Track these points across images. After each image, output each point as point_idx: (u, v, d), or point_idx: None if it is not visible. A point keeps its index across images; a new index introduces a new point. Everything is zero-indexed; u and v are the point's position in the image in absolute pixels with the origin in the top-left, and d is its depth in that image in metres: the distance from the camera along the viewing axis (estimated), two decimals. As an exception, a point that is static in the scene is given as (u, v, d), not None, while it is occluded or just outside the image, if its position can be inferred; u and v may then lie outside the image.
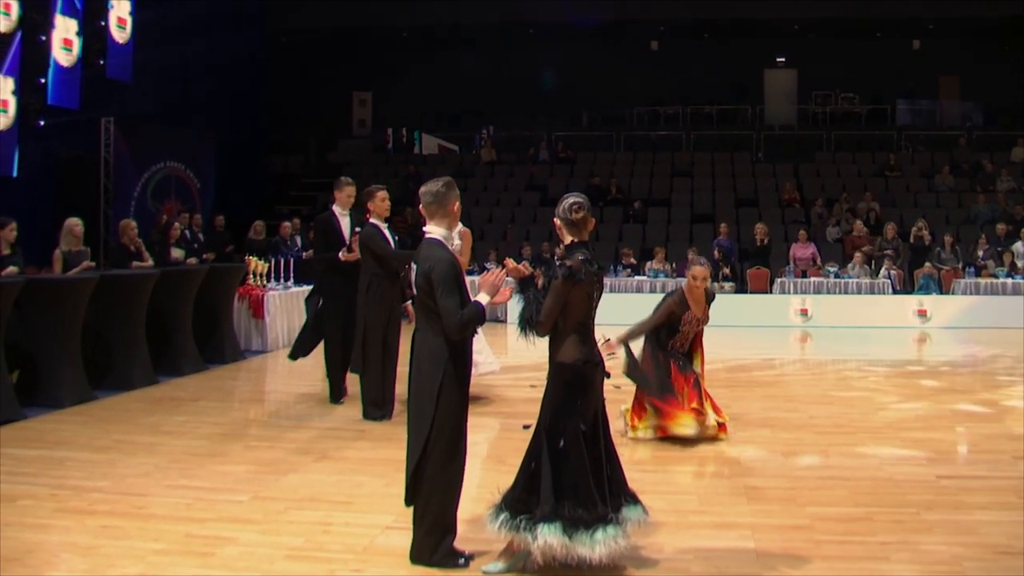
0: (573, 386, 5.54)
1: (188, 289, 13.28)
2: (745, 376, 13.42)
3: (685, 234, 24.22)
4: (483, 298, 5.62)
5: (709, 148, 28.65)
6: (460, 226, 10.20)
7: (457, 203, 5.90)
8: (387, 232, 10.19)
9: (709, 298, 9.13)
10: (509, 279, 5.82)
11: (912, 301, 19.87)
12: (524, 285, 5.67)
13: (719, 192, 26.31)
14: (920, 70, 29.69)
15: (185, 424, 9.78)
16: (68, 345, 10.84)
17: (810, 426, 9.86)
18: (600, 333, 5.77)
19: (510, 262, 5.75)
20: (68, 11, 19.09)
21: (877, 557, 5.93)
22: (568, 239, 5.69)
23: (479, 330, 9.30)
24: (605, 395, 5.75)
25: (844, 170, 27.05)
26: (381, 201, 10.17)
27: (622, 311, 11.14)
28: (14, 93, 17.72)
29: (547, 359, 5.65)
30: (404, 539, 5.85)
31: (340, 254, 10.73)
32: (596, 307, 5.66)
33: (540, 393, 5.69)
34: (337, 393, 11.09)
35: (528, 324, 5.56)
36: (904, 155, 27.73)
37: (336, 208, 11.20)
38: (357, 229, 10.94)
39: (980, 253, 21.30)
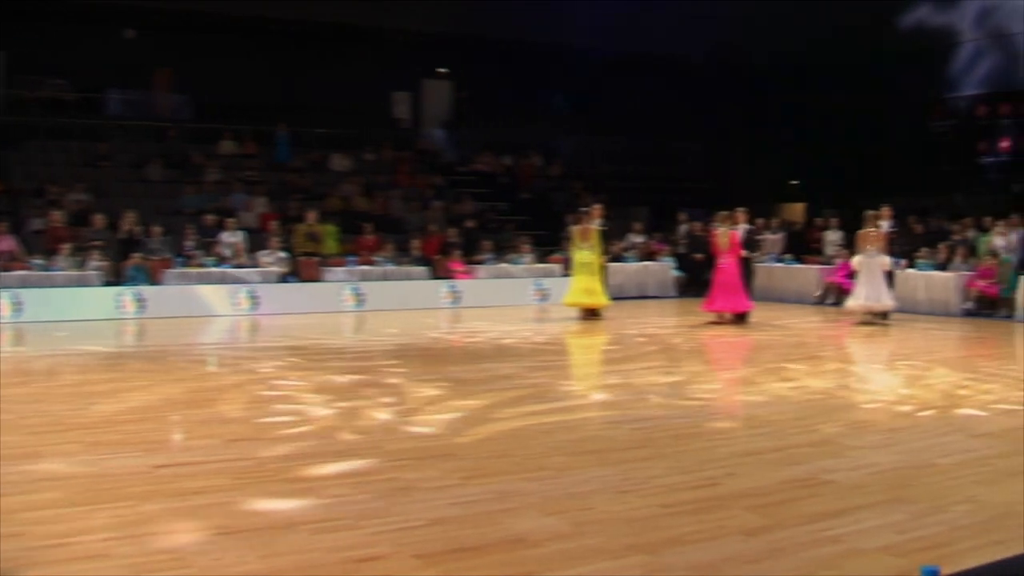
0: None
1: None
2: None
3: None
4: None
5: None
6: None
7: None
8: None
9: None
10: None
11: (123, 291, 19.97)
12: None
13: None
14: (134, 60, 29.43)
15: None
16: None
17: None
18: None
19: None
20: None
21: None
22: None
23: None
24: None
25: (55, 159, 26.34)
26: None
27: None
28: None
29: None
30: None
31: None
32: None
33: None
34: None
35: None
36: (117, 145, 27.55)
37: None
38: None
39: (189, 243, 22.17)
